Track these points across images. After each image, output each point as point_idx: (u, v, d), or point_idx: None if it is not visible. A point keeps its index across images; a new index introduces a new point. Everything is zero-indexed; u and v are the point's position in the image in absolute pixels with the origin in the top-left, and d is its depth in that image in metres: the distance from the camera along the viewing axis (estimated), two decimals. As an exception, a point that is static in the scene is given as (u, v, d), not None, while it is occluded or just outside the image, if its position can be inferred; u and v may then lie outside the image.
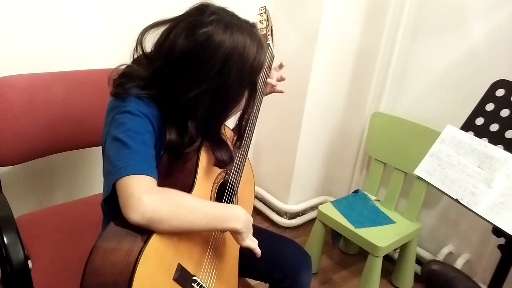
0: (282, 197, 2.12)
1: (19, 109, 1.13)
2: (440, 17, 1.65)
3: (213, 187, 0.92)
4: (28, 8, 1.23)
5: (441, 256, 1.74)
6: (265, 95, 1.19)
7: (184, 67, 0.80)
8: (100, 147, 0.86)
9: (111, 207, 0.75)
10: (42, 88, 1.19)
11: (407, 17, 1.74)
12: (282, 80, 1.23)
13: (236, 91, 0.85)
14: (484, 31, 1.53)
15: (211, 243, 0.88)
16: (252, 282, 1.17)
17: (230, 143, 0.95)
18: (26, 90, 1.15)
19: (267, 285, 1.10)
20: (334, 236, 1.83)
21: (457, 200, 0.99)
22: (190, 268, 0.79)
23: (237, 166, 1.00)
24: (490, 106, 1.08)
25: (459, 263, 1.68)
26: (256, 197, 2.21)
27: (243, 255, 0.98)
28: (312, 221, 1.99)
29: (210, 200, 0.90)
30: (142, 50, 0.87)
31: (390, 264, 1.84)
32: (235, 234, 0.85)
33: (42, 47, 1.30)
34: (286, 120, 1.99)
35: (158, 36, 0.84)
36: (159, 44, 0.83)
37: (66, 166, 1.50)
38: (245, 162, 1.04)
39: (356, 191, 1.92)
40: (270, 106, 1.70)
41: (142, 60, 0.86)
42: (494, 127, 1.05)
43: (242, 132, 0.98)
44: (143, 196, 0.70)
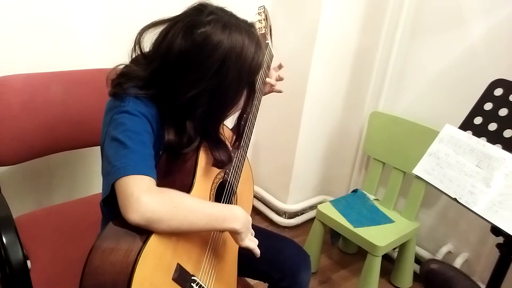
0: (281, 196, 2.12)
1: (18, 109, 1.13)
2: (438, 16, 1.66)
3: (212, 187, 0.92)
4: (27, 8, 1.22)
5: (440, 255, 1.74)
6: (264, 95, 1.19)
7: (182, 67, 0.80)
8: (99, 147, 0.86)
9: (110, 207, 0.75)
10: (41, 88, 1.19)
11: (406, 16, 1.74)
12: (281, 79, 1.23)
13: (234, 91, 0.85)
14: (482, 31, 1.53)
15: (210, 243, 0.88)
16: (251, 281, 1.17)
17: (228, 143, 0.95)
18: (25, 90, 1.15)
19: (266, 284, 1.10)
20: (333, 235, 1.83)
21: (455, 199, 0.99)
22: (189, 268, 0.79)
23: (236, 166, 1.00)
24: (488, 106, 1.08)
25: (458, 262, 1.68)
26: (255, 196, 2.21)
27: (242, 255, 0.98)
28: (311, 220, 1.99)
29: (209, 200, 0.90)
30: (140, 50, 0.86)
31: (389, 263, 1.84)
32: (234, 234, 0.85)
33: (41, 47, 1.30)
34: (285, 119, 1.99)
35: (156, 36, 0.83)
36: (157, 44, 0.83)
37: (65, 166, 1.50)
38: (244, 161, 1.04)
39: (355, 191, 1.92)
40: (269, 106, 1.70)
41: (140, 60, 0.86)
42: (492, 126, 1.05)
43: (241, 132, 0.97)
44: (142, 196, 0.70)
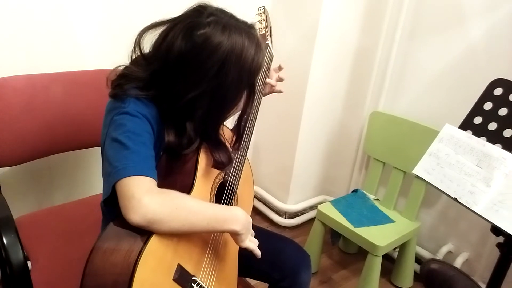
0: (281, 196, 2.12)
1: (19, 110, 1.14)
2: (438, 16, 1.66)
3: (212, 188, 0.92)
4: (27, 9, 1.23)
5: (440, 255, 1.74)
6: (264, 96, 1.19)
7: (182, 69, 0.80)
8: (99, 148, 0.86)
9: (111, 208, 0.75)
10: (42, 89, 1.19)
11: (405, 16, 1.74)
12: (281, 80, 1.23)
13: (234, 93, 0.85)
14: (482, 30, 1.53)
15: (211, 244, 0.88)
16: (251, 282, 1.17)
17: (229, 144, 0.95)
18: (25, 91, 1.16)
19: (267, 285, 1.10)
20: (333, 235, 1.83)
21: (455, 199, 0.99)
22: (189, 268, 0.79)
23: (236, 167, 1.00)
24: (488, 105, 1.07)
25: (458, 262, 1.68)
26: (255, 197, 2.21)
27: (243, 255, 0.98)
28: (311, 220, 1.99)
29: (210, 200, 0.90)
30: (140, 51, 0.86)
31: (390, 263, 1.84)
32: (235, 235, 0.85)
33: (42, 48, 1.30)
34: (285, 120, 1.99)
35: (156, 37, 0.83)
36: (157, 45, 0.83)
37: (65, 167, 1.50)
38: (244, 162, 1.04)
39: (355, 191, 1.92)
40: (269, 106, 1.70)
41: (140, 61, 0.86)
42: (492, 126, 1.05)
43: (241, 132, 0.97)
44: (143, 197, 0.70)
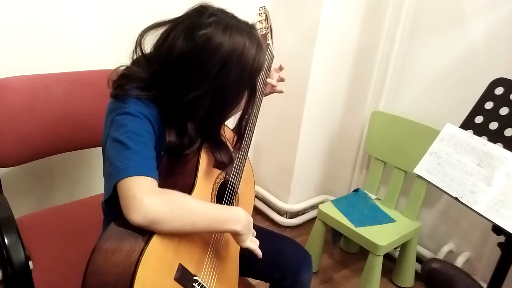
0: (282, 196, 2.12)
1: (20, 110, 1.14)
2: (438, 15, 1.65)
3: (213, 188, 0.92)
4: (28, 9, 1.23)
5: (441, 254, 1.74)
6: (265, 96, 1.19)
7: (183, 69, 0.80)
8: (100, 148, 0.86)
9: (112, 208, 0.75)
10: (42, 89, 1.19)
11: (406, 16, 1.74)
12: (282, 80, 1.23)
13: (235, 93, 0.85)
14: (483, 29, 1.53)
15: (212, 243, 0.88)
16: (252, 281, 1.17)
17: (230, 144, 0.95)
18: (26, 91, 1.16)
19: (268, 284, 1.10)
20: (334, 235, 1.83)
21: (456, 198, 0.99)
22: (191, 268, 0.79)
23: (237, 166, 1.00)
24: (489, 105, 1.07)
25: (460, 261, 1.68)
26: (256, 196, 2.21)
27: (244, 255, 0.98)
28: (312, 220, 1.99)
29: (211, 200, 0.90)
30: (142, 51, 0.87)
31: (391, 262, 1.84)
32: (236, 235, 0.85)
33: (42, 48, 1.30)
34: (286, 119, 1.99)
35: (157, 37, 0.84)
36: (158, 45, 0.83)
37: (66, 167, 1.51)
38: (245, 162, 1.04)
39: (356, 190, 1.92)
40: (270, 106, 1.70)
41: (141, 61, 0.86)
42: (493, 125, 1.05)
43: (242, 132, 0.97)
44: (145, 197, 0.70)
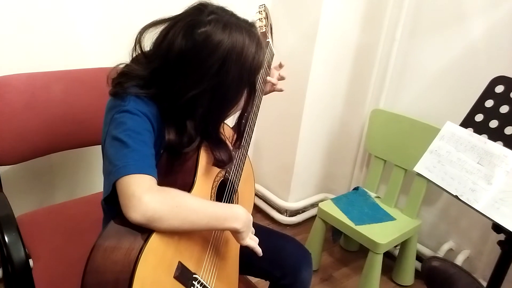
0: (282, 194, 2.12)
1: (19, 108, 1.14)
2: (438, 14, 1.65)
3: (213, 186, 0.92)
4: (27, 7, 1.23)
5: (441, 252, 1.74)
6: (265, 94, 1.19)
7: (182, 67, 0.80)
8: (100, 146, 0.86)
9: (112, 206, 0.75)
10: (42, 87, 1.19)
11: (406, 14, 1.73)
12: (283, 79, 1.23)
13: (235, 91, 0.84)
14: (483, 28, 1.53)
15: (212, 241, 0.88)
16: (252, 279, 1.18)
17: (229, 142, 0.95)
18: (26, 89, 1.16)
19: (268, 282, 1.10)
20: (334, 233, 1.83)
21: (457, 196, 0.99)
22: (190, 266, 0.79)
23: (237, 164, 1.00)
24: (489, 103, 1.07)
25: (460, 260, 1.68)
26: (256, 194, 2.21)
27: (244, 253, 0.98)
28: (312, 218, 1.99)
29: (210, 198, 0.90)
30: (141, 49, 0.86)
31: (391, 260, 1.84)
32: (235, 233, 0.85)
33: (42, 46, 1.30)
34: (286, 117, 1.99)
35: (156, 35, 0.83)
36: (158, 43, 0.83)
37: (67, 165, 1.51)
38: (245, 160, 1.04)
39: (356, 188, 1.92)
40: (270, 104, 1.70)
41: (140, 59, 0.86)
42: (493, 124, 1.05)
43: (242, 131, 0.97)
44: (144, 195, 0.70)
